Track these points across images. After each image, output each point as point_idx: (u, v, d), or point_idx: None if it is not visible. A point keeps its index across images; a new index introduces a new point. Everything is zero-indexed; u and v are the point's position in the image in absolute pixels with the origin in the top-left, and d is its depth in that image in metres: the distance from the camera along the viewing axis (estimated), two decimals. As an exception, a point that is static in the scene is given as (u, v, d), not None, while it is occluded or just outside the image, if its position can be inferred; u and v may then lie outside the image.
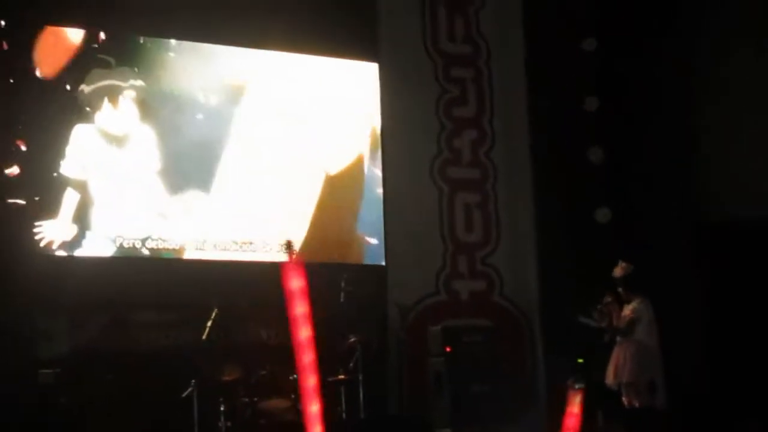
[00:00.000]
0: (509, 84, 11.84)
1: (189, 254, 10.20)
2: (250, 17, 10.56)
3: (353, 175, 11.30)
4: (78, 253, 9.70)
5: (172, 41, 10.48)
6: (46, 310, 9.46)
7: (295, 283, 4.74)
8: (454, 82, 11.70)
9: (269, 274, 10.12)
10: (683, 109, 11.80)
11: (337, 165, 11.16)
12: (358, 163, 11.33)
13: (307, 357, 4.78)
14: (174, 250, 10.13)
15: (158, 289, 9.76)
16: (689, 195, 11.61)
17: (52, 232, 9.58)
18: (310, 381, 4.78)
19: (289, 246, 8.30)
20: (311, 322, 4.65)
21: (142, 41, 10.35)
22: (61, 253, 9.63)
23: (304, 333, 4.78)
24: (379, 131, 11.32)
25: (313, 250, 10.74)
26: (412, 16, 11.66)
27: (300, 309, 4.79)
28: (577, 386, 5.53)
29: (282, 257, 10.36)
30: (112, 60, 10.02)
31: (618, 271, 9.15)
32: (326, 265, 10.76)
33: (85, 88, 9.84)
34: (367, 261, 11.19)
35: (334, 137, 11.16)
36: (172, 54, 10.42)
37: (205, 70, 10.54)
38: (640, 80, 11.80)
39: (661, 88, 11.75)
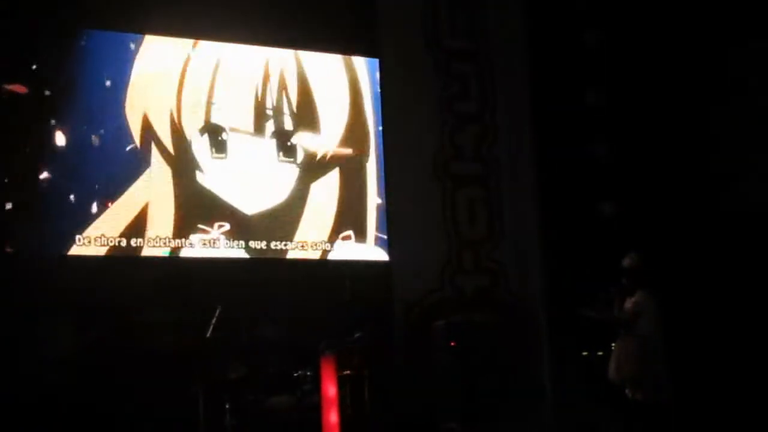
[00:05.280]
0: (512, 78, 11.79)
1: (189, 252, 10.16)
2: (250, 15, 10.54)
3: (360, 170, 11.27)
4: (74, 252, 9.66)
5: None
6: (49, 311, 9.41)
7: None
8: (455, 77, 11.65)
9: (272, 271, 10.28)
10: (690, 100, 11.59)
11: (339, 159, 11.13)
12: (363, 158, 11.31)
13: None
14: (174, 248, 10.09)
15: (161, 288, 9.74)
16: (696, 187, 11.47)
17: (50, 233, 9.56)
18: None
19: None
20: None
21: (141, 38, 10.33)
22: (58, 253, 9.59)
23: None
24: (380, 127, 11.29)
25: (319, 245, 10.78)
26: (413, 11, 11.60)
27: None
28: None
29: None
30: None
31: (626, 262, 9.01)
32: (331, 262, 10.77)
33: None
34: (372, 257, 11.14)
35: (338, 132, 11.14)
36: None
37: (204, 67, 10.53)
38: (645, 71, 11.70)
39: (667, 78, 11.63)
